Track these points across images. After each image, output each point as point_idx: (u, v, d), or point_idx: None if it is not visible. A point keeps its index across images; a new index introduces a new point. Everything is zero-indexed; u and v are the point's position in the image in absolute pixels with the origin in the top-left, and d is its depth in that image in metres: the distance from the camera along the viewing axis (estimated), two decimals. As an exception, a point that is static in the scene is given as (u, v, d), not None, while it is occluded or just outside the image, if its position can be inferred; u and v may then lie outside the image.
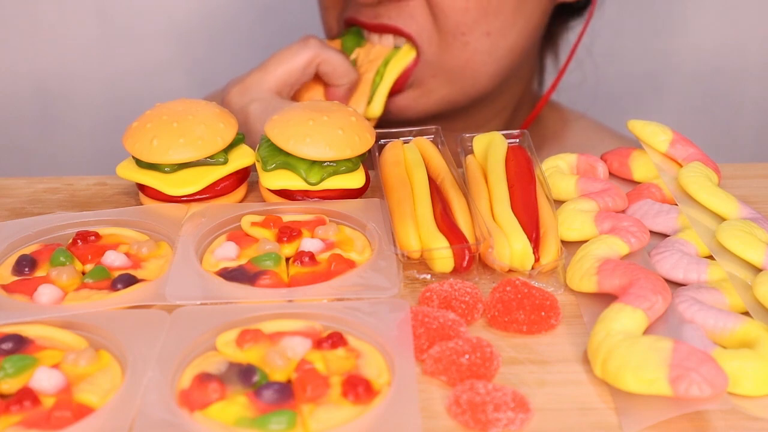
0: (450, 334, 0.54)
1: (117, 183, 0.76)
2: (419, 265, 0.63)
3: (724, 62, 1.38)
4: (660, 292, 0.55)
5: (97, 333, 0.54)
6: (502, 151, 0.71)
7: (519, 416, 0.48)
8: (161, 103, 0.71)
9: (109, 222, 0.67)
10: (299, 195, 0.69)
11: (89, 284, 0.59)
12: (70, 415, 0.47)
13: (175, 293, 0.58)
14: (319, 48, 0.83)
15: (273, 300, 0.57)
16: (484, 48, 0.88)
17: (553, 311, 0.57)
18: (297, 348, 0.52)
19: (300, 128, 0.68)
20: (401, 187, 0.66)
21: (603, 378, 0.51)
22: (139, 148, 0.68)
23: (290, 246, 0.63)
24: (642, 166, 0.74)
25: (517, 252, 0.61)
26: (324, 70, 0.84)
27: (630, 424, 0.48)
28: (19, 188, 0.76)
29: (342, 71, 0.84)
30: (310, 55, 0.83)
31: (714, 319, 0.55)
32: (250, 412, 0.48)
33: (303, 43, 0.83)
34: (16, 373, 0.51)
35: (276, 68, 0.82)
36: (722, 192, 0.66)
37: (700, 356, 0.49)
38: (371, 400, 0.49)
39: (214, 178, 0.69)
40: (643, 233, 0.63)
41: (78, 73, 1.36)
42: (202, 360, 0.52)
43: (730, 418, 0.49)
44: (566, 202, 0.67)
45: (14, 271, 0.61)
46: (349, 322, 0.55)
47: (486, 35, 0.87)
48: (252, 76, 0.82)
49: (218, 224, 0.66)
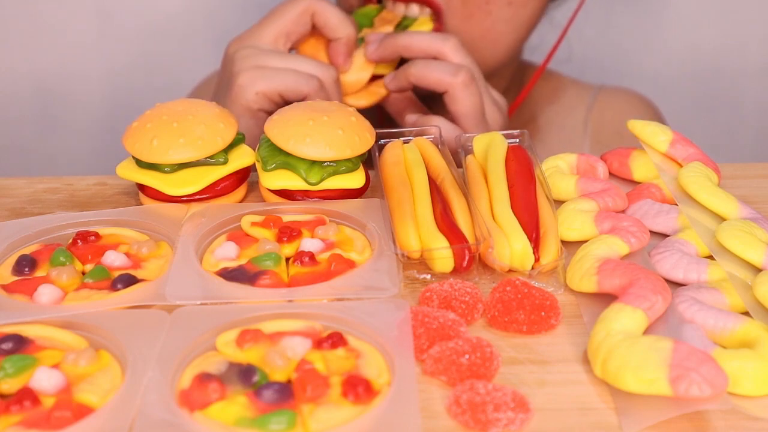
0: (450, 334, 0.54)
1: (117, 183, 0.76)
2: (419, 265, 0.63)
3: (724, 62, 1.38)
4: (660, 292, 0.55)
5: (97, 333, 0.54)
6: (502, 151, 0.71)
7: (519, 416, 0.48)
8: (161, 103, 0.71)
9: (109, 222, 0.67)
10: (299, 195, 0.69)
11: (89, 284, 0.59)
12: (70, 415, 0.47)
13: (175, 293, 0.58)
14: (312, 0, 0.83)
15: (273, 300, 0.57)
16: (506, 17, 0.89)
17: (553, 311, 0.57)
18: (297, 348, 0.52)
19: (300, 128, 0.68)
20: (401, 187, 0.66)
21: (603, 378, 0.51)
22: (139, 148, 0.68)
23: (290, 246, 0.63)
24: (642, 166, 0.74)
25: (517, 252, 0.61)
26: (318, 22, 0.84)
27: (630, 424, 0.48)
28: (19, 188, 0.76)
29: (335, 23, 0.83)
30: (303, 6, 0.83)
31: (714, 319, 0.55)
32: (250, 412, 0.48)
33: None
34: (16, 373, 0.51)
35: (270, 21, 0.83)
36: (722, 192, 0.66)
37: (700, 356, 0.49)
38: (371, 400, 0.49)
39: (214, 178, 0.69)
40: (643, 233, 0.63)
41: (78, 73, 1.36)
42: (202, 360, 0.52)
43: (730, 418, 0.49)
44: (566, 202, 0.67)
45: (14, 271, 0.61)
46: (349, 322, 0.55)
47: (508, 4, 0.89)
48: (248, 30, 0.84)
49: (218, 224, 0.66)
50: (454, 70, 0.81)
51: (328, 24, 0.83)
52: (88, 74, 1.36)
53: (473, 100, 0.81)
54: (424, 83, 0.82)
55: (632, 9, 1.36)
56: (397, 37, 0.84)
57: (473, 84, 0.81)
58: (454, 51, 0.82)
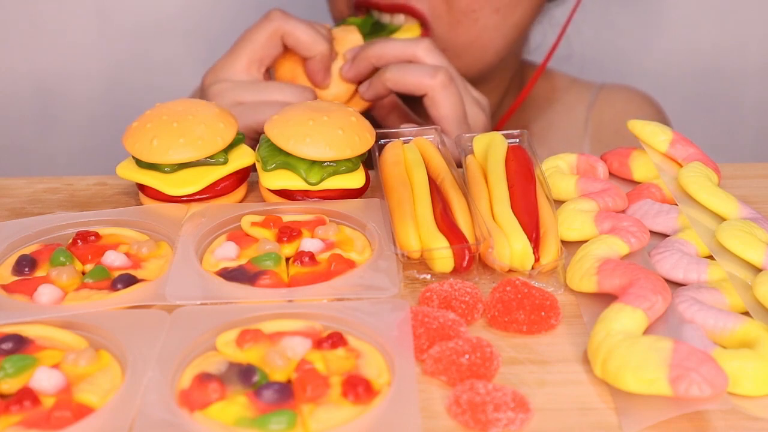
0: (450, 334, 0.54)
1: (117, 183, 0.76)
2: (419, 265, 0.63)
3: (724, 62, 1.38)
4: (660, 292, 0.55)
5: (97, 333, 0.54)
6: (502, 151, 0.71)
7: (519, 416, 0.48)
8: (161, 104, 0.71)
9: (109, 222, 0.67)
10: (299, 195, 0.69)
11: (89, 284, 0.59)
12: (70, 415, 0.47)
13: (175, 293, 0.58)
14: (280, 20, 0.82)
15: (273, 300, 0.57)
16: (493, 24, 0.89)
17: (553, 311, 0.57)
18: (297, 348, 0.52)
19: (300, 128, 0.68)
20: (401, 187, 0.66)
21: (603, 378, 0.51)
22: (139, 148, 0.68)
23: (290, 246, 0.63)
24: (642, 166, 0.74)
25: (517, 252, 0.61)
26: (289, 43, 0.82)
27: (630, 424, 0.48)
28: (19, 188, 0.76)
29: (307, 42, 0.82)
30: (271, 29, 0.82)
31: (714, 319, 0.55)
32: (250, 412, 0.48)
33: (265, 18, 0.82)
34: (16, 373, 0.51)
35: (241, 48, 0.82)
36: (722, 192, 0.66)
37: (700, 356, 0.49)
38: (371, 400, 0.49)
39: (214, 178, 0.69)
40: (643, 233, 0.63)
41: (78, 73, 1.36)
42: (202, 360, 0.52)
43: (730, 418, 0.49)
44: (566, 202, 0.67)
45: (14, 271, 0.61)
46: (349, 322, 0.55)
47: (495, 11, 0.89)
48: (221, 59, 0.83)
49: (218, 224, 0.66)
50: (431, 72, 0.79)
51: (299, 44, 0.82)
52: (88, 74, 1.36)
53: (453, 101, 0.80)
54: (401, 88, 0.81)
55: (632, 9, 1.36)
56: (369, 49, 0.83)
57: (452, 84, 0.80)
58: (427, 53, 0.81)
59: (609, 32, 1.36)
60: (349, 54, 0.85)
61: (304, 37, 0.82)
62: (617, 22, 1.36)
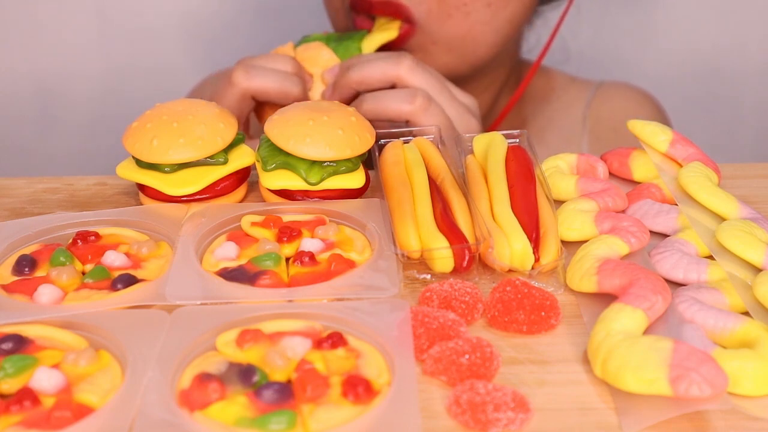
0: (450, 334, 0.54)
1: (117, 183, 0.76)
2: (419, 265, 0.63)
3: (724, 62, 1.38)
4: (660, 292, 0.55)
5: (97, 333, 0.54)
6: (502, 151, 0.71)
7: (519, 416, 0.48)
8: (161, 104, 0.71)
9: (109, 222, 0.67)
10: (299, 195, 0.69)
11: (89, 284, 0.59)
12: (70, 415, 0.47)
13: (175, 293, 0.58)
14: (244, 82, 0.80)
15: (273, 300, 0.57)
16: (485, 18, 0.89)
17: (553, 311, 0.57)
18: (297, 348, 0.52)
19: (300, 128, 0.68)
20: (401, 187, 0.66)
21: (603, 378, 0.51)
22: (139, 148, 0.68)
23: (290, 246, 0.63)
24: (642, 166, 0.74)
25: (517, 252, 0.61)
26: (261, 99, 0.81)
27: (630, 424, 0.48)
28: (19, 188, 0.76)
29: (278, 94, 0.80)
30: (238, 94, 0.80)
31: (714, 319, 0.55)
32: (250, 412, 0.48)
33: (227, 84, 0.80)
34: (16, 373, 0.51)
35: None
36: (722, 192, 0.66)
37: (700, 356, 0.49)
38: (371, 400, 0.49)
39: (214, 178, 0.69)
40: (643, 233, 0.63)
41: (78, 73, 1.36)
42: (202, 360, 0.52)
43: (730, 418, 0.49)
44: (566, 202, 0.67)
45: (14, 271, 0.61)
46: (349, 322, 0.55)
47: (487, 6, 0.89)
48: None
49: (218, 224, 0.66)
50: (409, 98, 0.77)
51: (270, 98, 0.81)
52: (88, 74, 1.36)
53: (436, 121, 0.78)
54: (383, 117, 0.79)
55: (632, 9, 1.36)
56: (350, 73, 0.81)
57: (432, 105, 0.78)
58: (410, 72, 0.79)
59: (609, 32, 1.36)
60: (329, 76, 0.83)
61: (274, 89, 0.80)
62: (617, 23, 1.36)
